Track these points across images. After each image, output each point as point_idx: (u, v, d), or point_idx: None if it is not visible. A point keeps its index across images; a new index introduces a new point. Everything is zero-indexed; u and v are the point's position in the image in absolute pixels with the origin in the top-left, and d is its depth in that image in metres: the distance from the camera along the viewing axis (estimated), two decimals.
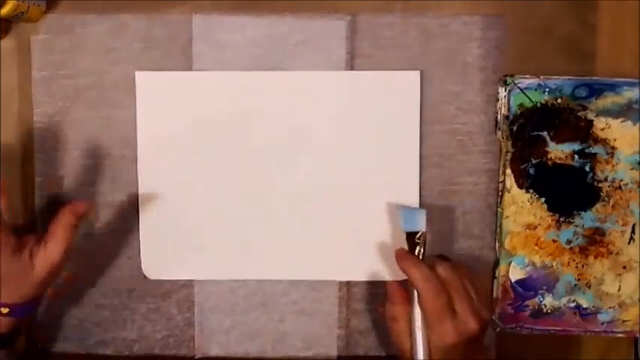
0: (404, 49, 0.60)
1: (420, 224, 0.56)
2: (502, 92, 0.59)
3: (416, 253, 0.56)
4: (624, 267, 0.61)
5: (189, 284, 0.62)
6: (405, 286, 0.56)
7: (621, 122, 0.60)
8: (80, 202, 0.57)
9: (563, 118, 0.60)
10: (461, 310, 0.53)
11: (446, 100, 0.60)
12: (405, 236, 0.57)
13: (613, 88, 0.59)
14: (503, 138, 0.60)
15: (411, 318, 0.55)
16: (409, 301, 0.55)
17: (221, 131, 0.60)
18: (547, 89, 0.59)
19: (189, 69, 0.60)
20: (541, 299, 0.61)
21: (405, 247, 0.57)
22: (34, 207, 0.62)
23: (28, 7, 0.56)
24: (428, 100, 0.60)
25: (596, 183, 0.60)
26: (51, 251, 0.54)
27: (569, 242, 0.60)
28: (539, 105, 0.60)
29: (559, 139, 0.60)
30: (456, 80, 0.60)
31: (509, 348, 0.62)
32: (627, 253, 0.60)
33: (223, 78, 0.60)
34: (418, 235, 0.56)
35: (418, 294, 0.54)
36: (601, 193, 0.60)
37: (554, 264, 0.61)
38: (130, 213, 0.61)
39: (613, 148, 0.60)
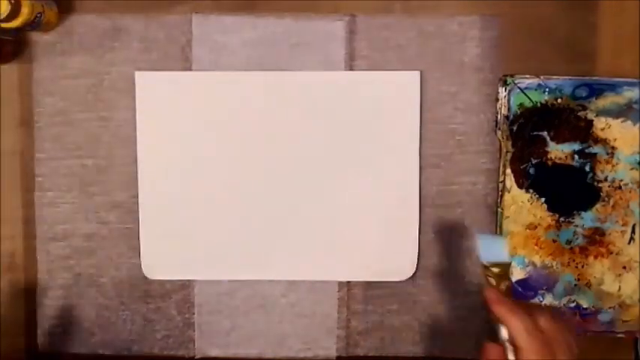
0: (402, 49, 0.60)
1: (503, 254, 0.49)
2: (502, 92, 0.59)
3: (501, 290, 0.48)
4: (624, 267, 0.60)
5: (188, 285, 0.62)
6: (499, 341, 0.47)
7: (621, 122, 0.59)
8: None
9: (563, 118, 0.60)
10: None
11: (443, 100, 0.60)
12: (482, 268, 0.49)
13: (613, 88, 0.59)
14: (503, 138, 0.60)
15: None
16: (504, 356, 0.47)
17: (221, 131, 0.60)
18: (547, 89, 0.59)
19: (189, 69, 0.60)
20: (541, 299, 0.61)
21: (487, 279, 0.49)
22: (34, 207, 0.62)
23: (43, 6, 0.56)
24: (426, 100, 0.60)
25: (596, 183, 0.60)
26: None
27: (569, 242, 0.60)
28: (539, 105, 0.59)
29: (559, 139, 0.60)
30: (454, 80, 0.60)
31: None
32: (627, 253, 0.60)
33: (223, 78, 0.60)
34: (501, 268, 0.49)
35: (518, 348, 0.46)
36: (601, 193, 0.60)
37: (554, 264, 0.61)
38: (130, 213, 0.62)
39: (613, 148, 0.60)
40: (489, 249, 0.49)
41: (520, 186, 0.60)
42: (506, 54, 0.60)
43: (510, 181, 0.60)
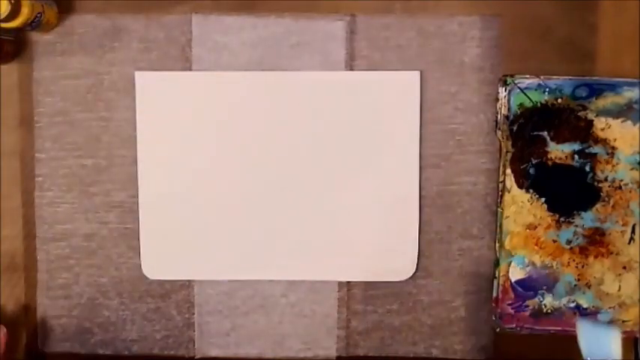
0: (402, 49, 0.60)
1: (611, 351, 0.40)
2: (502, 92, 0.59)
3: None
4: (624, 267, 0.60)
5: (188, 285, 0.62)
6: None
7: (621, 122, 0.59)
8: None
9: (563, 118, 0.60)
10: None
11: (443, 100, 0.60)
12: None
13: (613, 88, 0.59)
14: (503, 138, 0.60)
15: None
16: None
17: (221, 131, 0.61)
18: (547, 89, 0.59)
19: (189, 69, 0.60)
20: (541, 299, 0.61)
21: None
22: (34, 207, 0.62)
23: (43, 6, 0.56)
24: (426, 100, 0.60)
25: (596, 183, 0.60)
26: None
27: (569, 242, 0.60)
28: (539, 105, 0.59)
29: (559, 139, 0.60)
30: (454, 80, 0.60)
31: (509, 348, 0.62)
32: (627, 253, 0.60)
33: (223, 78, 0.60)
34: None
35: None
36: (601, 193, 0.60)
37: (554, 264, 0.61)
38: (130, 213, 0.62)
39: (613, 148, 0.60)
40: (595, 342, 0.41)
41: (520, 186, 0.60)
42: (507, 54, 0.60)
43: (510, 181, 0.60)
